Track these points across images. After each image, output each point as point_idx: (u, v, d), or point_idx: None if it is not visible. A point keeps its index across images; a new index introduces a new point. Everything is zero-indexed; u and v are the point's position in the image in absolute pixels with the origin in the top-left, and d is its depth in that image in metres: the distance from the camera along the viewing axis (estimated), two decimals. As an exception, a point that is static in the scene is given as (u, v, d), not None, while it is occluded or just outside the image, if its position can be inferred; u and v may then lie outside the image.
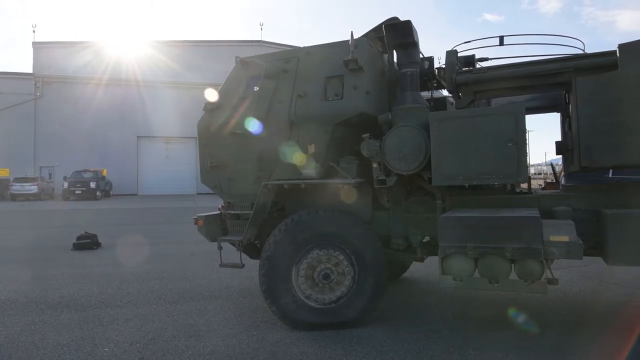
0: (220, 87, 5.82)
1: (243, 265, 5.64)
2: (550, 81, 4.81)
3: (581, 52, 5.10)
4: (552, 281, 4.19)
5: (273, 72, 5.41)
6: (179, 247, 10.72)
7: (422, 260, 5.35)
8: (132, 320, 5.36)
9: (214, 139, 5.68)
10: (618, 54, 4.27)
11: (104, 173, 33.67)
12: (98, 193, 30.85)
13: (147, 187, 36.89)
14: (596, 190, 4.72)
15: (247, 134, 5.37)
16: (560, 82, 4.78)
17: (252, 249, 5.79)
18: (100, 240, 11.15)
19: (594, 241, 4.35)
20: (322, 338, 4.70)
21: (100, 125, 35.13)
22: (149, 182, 37.20)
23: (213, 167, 5.67)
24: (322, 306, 4.95)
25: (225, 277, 7.41)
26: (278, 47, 34.36)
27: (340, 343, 4.56)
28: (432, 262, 4.83)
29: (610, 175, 10.01)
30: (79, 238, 10.98)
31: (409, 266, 7.21)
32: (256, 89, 5.49)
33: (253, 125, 5.25)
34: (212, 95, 5.71)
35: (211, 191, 6.03)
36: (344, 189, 5.05)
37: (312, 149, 5.09)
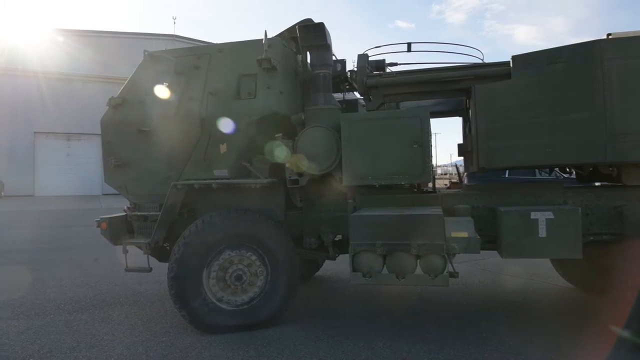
0: (126, 82, 5.53)
1: (151, 269, 5.39)
2: (452, 87, 5.11)
3: (481, 61, 5.48)
4: (454, 274, 4.45)
5: (183, 68, 5.24)
6: (80, 252, 10.01)
7: (334, 258, 5.45)
8: (24, 333, 4.91)
9: (119, 136, 5.37)
10: (511, 65, 4.64)
11: (-7, 171, 30.50)
12: (-14, 194, 27.91)
13: (45, 187, 33.90)
14: (492, 189, 5.09)
15: (154, 132, 5.15)
16: (462, 89, 5.09)
17: (160, 252, 5.55)
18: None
19: (490, 236, 4.69)
20: (234, 340, 4.62)
21: (-12, 119, 31.70)
22: (47, 181, 34.20)
23: (118, 166, 5.36)
24: (234, 308, 4.87)
25: (132, 282, 7.04)
26: (192, 42, 33.24)
27: (252, 344, 4.51)
28: (344, 260, 4.94)
29: (506, 175, 10.91)
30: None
31: (322, 265, 7.33)
32: (165, 84, 5.28)
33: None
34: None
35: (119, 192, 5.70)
36: (257, 189, 5.01)
37: (223, 148, 5.00)
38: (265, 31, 4.93)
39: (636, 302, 4.06)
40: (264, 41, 4.91)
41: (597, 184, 5.45)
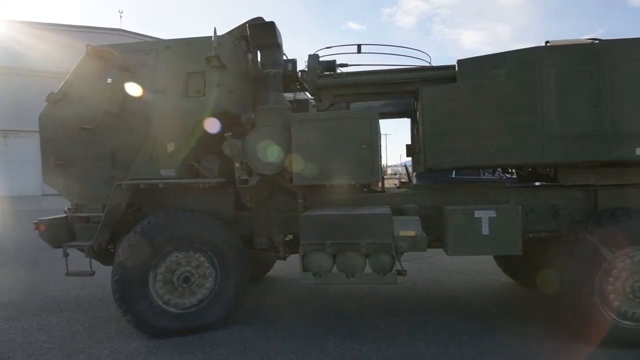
0: (67, 77, 5.28)
1: (93, 273, 5.18)
2: (401, 89, 5.21)
3: (428, 64, 5.62)
4: (402, 272, 4.55)
5: (129, 64, 5.06)
6: (17, 257, 9.48)
7: (284, 258, 5.43)
8: (-47, 344, 4.61)
9: (59, 133, 5.12)
10: (457, 68, 4.79)
11: None
12: None
13: (-22, 187, 31.86)
14: (439, 188, 5.24)
15: (97, 129, 4.95)
16: (410, 91, 5.19)
17: (104, 255, 5.34)
18: None
19: (437, 234, 4.82)
20: (182, 344, 4.53)
21: None
22: (-20, 181, 32.17)
23: (58, 165, 5.11)
24: (182, 311, 4.77)
25: (74, 286, 6.74)
26: (139, 37, 32.06)
27: (201, 347, 4.43)
28: (295, 260, 4.93)
29: (453, 176, 11.24)
30: None
31: (272, 265, 7.30)
32: (109, 80, 5.08)
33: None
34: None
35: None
36: (205, 189, 4.92)
37: (171, 147, 4.87)
38: (215, 28, 4.85)
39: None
40: (213, 38, 4.82)
41: (537, 183, 5.70)
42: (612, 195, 4.75)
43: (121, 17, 62.84)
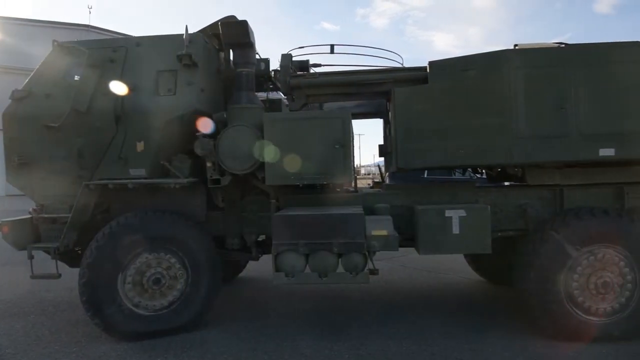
0: (32, 73, 5.12)
1: (60, 275, 5.02)
2: (373, 90, 5.24)
3: (400, 65, 5.67)
4: (374, 271, 4.58)
5: (97, 61, 4.95)
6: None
7: (257, 259, 5.40)
8: None
9: (24, 131, 4.95)
10: (428, 70, 4.85)
11: None
12: None
13: (-63, 187, 30.63)
14: (411, 188, 5.30)
15: (64, 128, 4.82)
16: (382, 91, 5.24)
17: (70, 257, 5.18)
18: None
19: (408, 234, 4.88)
20: (152, 347, 4.45)
21: None
22: (-60, 181, 30.93)
23: (22, 165, 4.95)
24: (152, 313, 4.69)
25: (39, 290, 6.55)
26: (108, 34, 31.37)
27: (172, 350, 4.37)
28: (268, 260, 4.91)
29: (425, 175, 11.38)
30: None
31: (245, 266, 7.25)
32: (77, 78, 4.95)
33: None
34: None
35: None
36: (176, 189, 4.85)
37: (141, 146, 4.78)
38: (187, 26, 4.80)
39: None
40: (184, 36, 4.76)
41: (506, 183, 5.82)
42: (577, 195, 4.90)
43: (90, 12, 61.09)
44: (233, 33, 5.08)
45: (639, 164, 4.73)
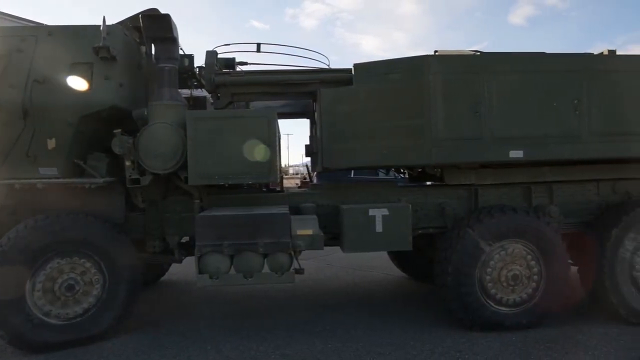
0: None
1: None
2: (300, 90, 5.26)
3: (327, 66, 5.74)
4: (300, 271, 4.60)
5: (3, 51, 4.56)
6: None
7: (180, 261, 5.22)
8: None
9: None
10: (353, 72, 4.94)
11: None
12: None
13: None
14: (336, 188, 5.38)
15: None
16: (308, 92, 5.26)
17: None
18: None
19: (334, 233, 4.95)
20: (65, 358, 4.18)
21: None
22: None
23: None
24: (65, 322, 4.39)
25: None
26: (17, 21, 29.01)
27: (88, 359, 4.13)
28: (191, 262, 4.78)
29: (352, 175, 11.60)
30: None
31: (168, 269, 7.02)
32: (-22, 68, 4.53)
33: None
34: None
35: None
36: (92, 189, 4.58)
37: (52, 143, 4.47)
38: (104, 17, 4.53)
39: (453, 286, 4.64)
40: (102, 27, 4.50)
41: (428, 183, 6.08)
42: (491, 194, 5.22)
43: (-3, -2, 56.31)
44: (155, 27, 4.87)
45: (545, 165, 5.12)
